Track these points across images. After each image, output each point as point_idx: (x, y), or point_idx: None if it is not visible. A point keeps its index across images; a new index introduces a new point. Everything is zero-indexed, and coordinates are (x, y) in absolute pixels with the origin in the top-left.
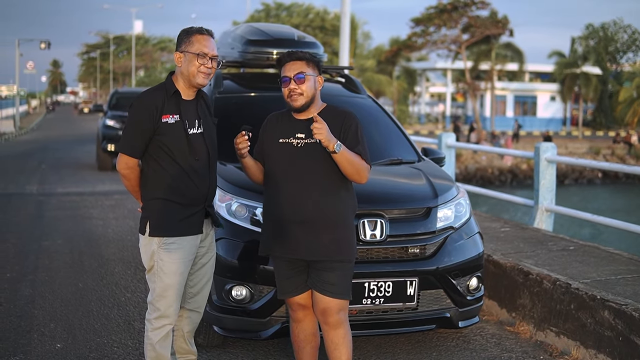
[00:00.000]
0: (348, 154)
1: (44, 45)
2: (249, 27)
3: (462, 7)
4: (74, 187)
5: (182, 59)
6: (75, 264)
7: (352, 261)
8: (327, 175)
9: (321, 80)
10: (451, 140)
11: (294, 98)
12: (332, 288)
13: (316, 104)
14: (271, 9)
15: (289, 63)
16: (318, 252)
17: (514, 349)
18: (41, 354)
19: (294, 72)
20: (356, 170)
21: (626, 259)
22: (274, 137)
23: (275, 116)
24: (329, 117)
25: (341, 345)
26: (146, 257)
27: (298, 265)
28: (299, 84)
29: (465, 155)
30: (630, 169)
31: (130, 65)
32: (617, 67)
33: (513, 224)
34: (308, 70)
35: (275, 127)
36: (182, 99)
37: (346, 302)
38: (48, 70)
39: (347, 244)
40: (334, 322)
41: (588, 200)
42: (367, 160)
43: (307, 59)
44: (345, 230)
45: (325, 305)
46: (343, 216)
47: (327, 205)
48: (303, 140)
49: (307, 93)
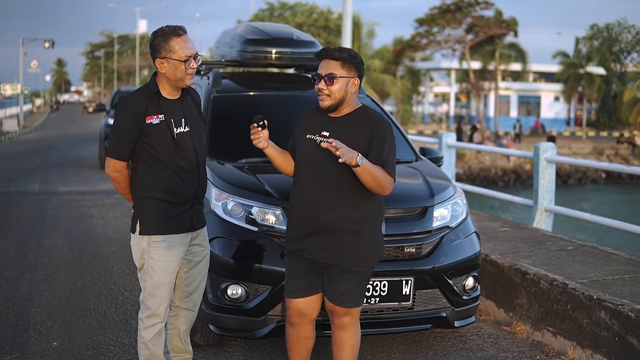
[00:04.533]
0: (370, 167)
1: (48, 45)
2: (248, 27)
3: (466, 7)
4: (76, 186)
5: (166, 65)
6: (74, 262)
7: (367, 271)
8: (345, 177)
9: (356, 82)
10: (451, 140)
11: (322, 98)
12: (340, 297)
13: (349, 104)
14: (275, 8)
15: (324, 60)
16: (329, 256)
17: (511, 349)
18: (38, 352)
19: (326, 71)
20: (378, 184)
21: (624, 259)
22: (304, 131)
23: (310, 110)
24: (360, 120)
25: (342, 347)
26: (137, 255)
27: (310, 266)
28: (329, 84)
29: (469, 155)
30: (631, 169)
31: (135, 65)
32: (621, 68)
33: (512, 223)
34: (341, 72)
35: (307, 121)
36: (166, 99)
37: (355, 309)
38: (52, 69)
39: (360, 253)
40: (339, 324)
41: (592, 201)
42: (391, 172)
43: (344, 60)
44: (361, 238)
45: (332, 309)
46: (360, 223)
47: (342, 209)
48: (327, 138)
49: (335, 95)
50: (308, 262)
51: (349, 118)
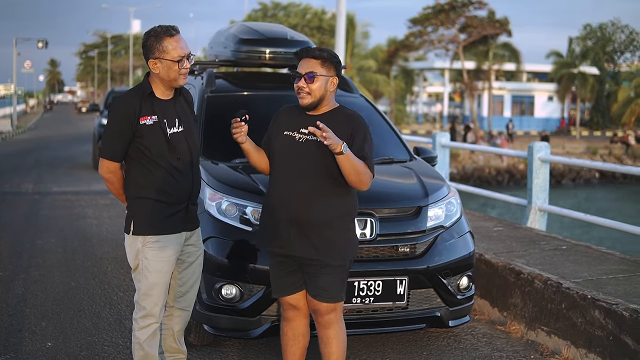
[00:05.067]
0: (353, 157)
1: (42, 45)
2: (242, 26)
3: (459, 7)
4: (70, 186)
5: (159, 66)
6: (68, 262)
7: (345, 265)
8: (324, 174)
9: (335, 81)
10: (445, 139)
11: (302, 96)
12: (322, 292)
13: (327, 103)
14: (268, 8)
15: (304, 59)
16: (308, 251)
17: (505, 349)
18: (32, 353)
19: (306, 70)
20: (358, 177)
21: (618, 259)
22: (280, 129)
23: (288, 108)
24: (339, 118)
25: (329, 344)
26: (131, 256)
27: (291, 264)
28: (309, 82)
29: (463, 155)
30: (624, 169)
31: (128, 65)
32: (615, 67)
33: (506, 223)
34: (321, 70)
35: (285, 119)
36: (160, 99)
37: (338, 304)
38: (46, 70)
39: (338, 247)
40: (324, 322)
41: (585, 200)
42: (371, 169)
43: (324, 59)
44: (338, 232)
45: (316, 307)
46: (337, 218)
47: (320, 204)
48: (305, 136)
49: (315, 93)
50: (289, 260)
51: (328, 116)
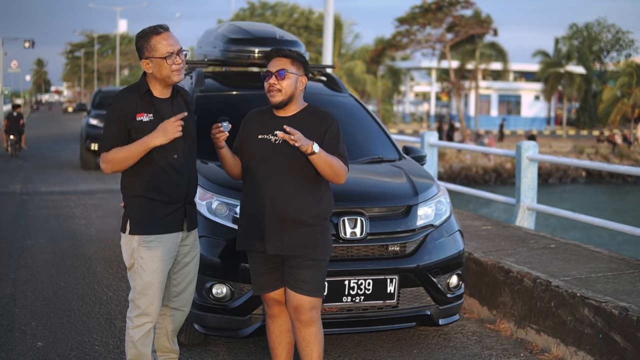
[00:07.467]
0: (325, 156)
1: (28, 44)
2: (231, 26)
3: (446, 7)
4: (57, 186)
5: (151, 65)
6: (57, 262)
7: (326, 260)
8: (303, 173)
9: (304, 81)
10: (433, 139)
11: (273, 94)
12: (304, 286)
13: (296, 103)
14: (256, 8)
15: (274, 59)
16: (291, 248)
17: (495, 347)
18: (22, 353)
19: (277, 68)
20: (334, 172)
21: (607, 257)
22: (253, 133)
23: (257, 112)
24: (309, 117)
25: (312, 343)
26: (127, 255)
27: (273, 261)
28: (279, 80)
29: (450, 154)
30: (611, 168)
31: (115, 65)
32: (601, 67)
33: (495, 222)
34: (292, 68)
35: (256, 123)
36: (157, 98)
37: (319, 300)
38: (32, 69)
39: (321, 242)
40: (306, 319)
41: (573, 198)
42: (346, 163)
43: (293, 58)
44: (319, 229)
45: (298, 303)
46: (318, 214)
47: (302, 202)
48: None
49: (286, 90)
50: (269, 258)
51: (299, 116)
